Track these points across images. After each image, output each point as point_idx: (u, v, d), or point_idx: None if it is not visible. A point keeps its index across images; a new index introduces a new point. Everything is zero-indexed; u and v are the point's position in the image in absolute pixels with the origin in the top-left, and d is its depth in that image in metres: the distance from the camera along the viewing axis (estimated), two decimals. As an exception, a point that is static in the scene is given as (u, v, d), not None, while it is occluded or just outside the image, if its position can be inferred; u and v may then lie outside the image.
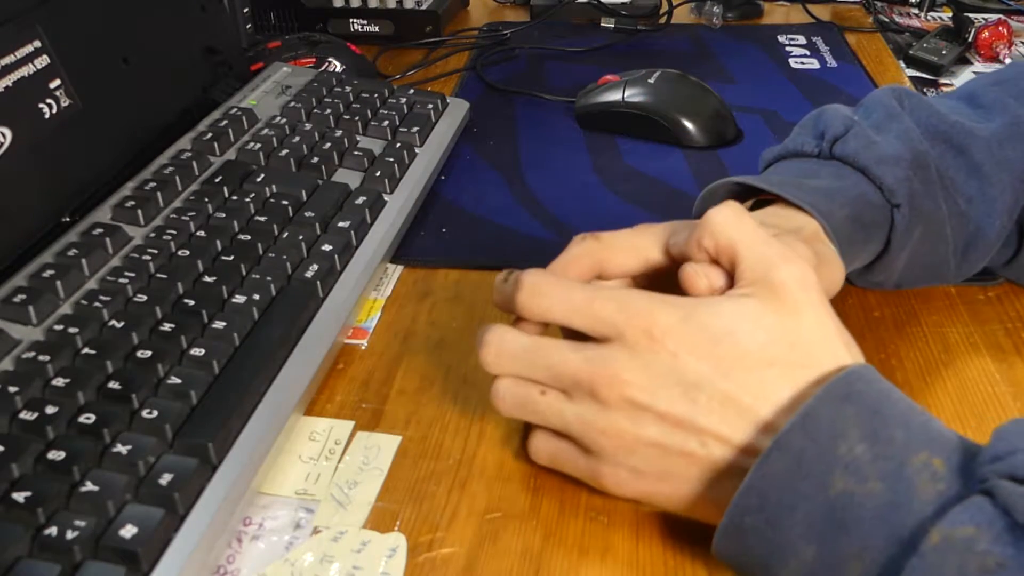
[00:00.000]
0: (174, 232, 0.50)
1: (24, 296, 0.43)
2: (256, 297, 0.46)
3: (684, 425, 0.34)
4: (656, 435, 0.34)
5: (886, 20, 0.94)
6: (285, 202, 0.53)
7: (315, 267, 0.49)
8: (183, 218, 0.51)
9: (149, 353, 0.41)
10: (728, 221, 0.37)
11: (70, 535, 0.33)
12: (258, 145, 0.59)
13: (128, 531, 0.33)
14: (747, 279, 0.35)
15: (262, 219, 0.52)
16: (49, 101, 0.51)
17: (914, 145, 0.45)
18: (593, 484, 0.38)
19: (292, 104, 0.65)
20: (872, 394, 0.33)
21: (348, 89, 0.68)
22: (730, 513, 0.32)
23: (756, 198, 0.45)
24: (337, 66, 0.75)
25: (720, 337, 0.34)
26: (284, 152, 0.59)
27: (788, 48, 0.89)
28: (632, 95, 0.70)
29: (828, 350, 0.34)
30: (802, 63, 0.85)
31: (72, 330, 0.42)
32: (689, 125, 0.68)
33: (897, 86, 0.50)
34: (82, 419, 0.37)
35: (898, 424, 0.32)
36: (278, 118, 0.63)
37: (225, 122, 0.61)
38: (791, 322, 0.34)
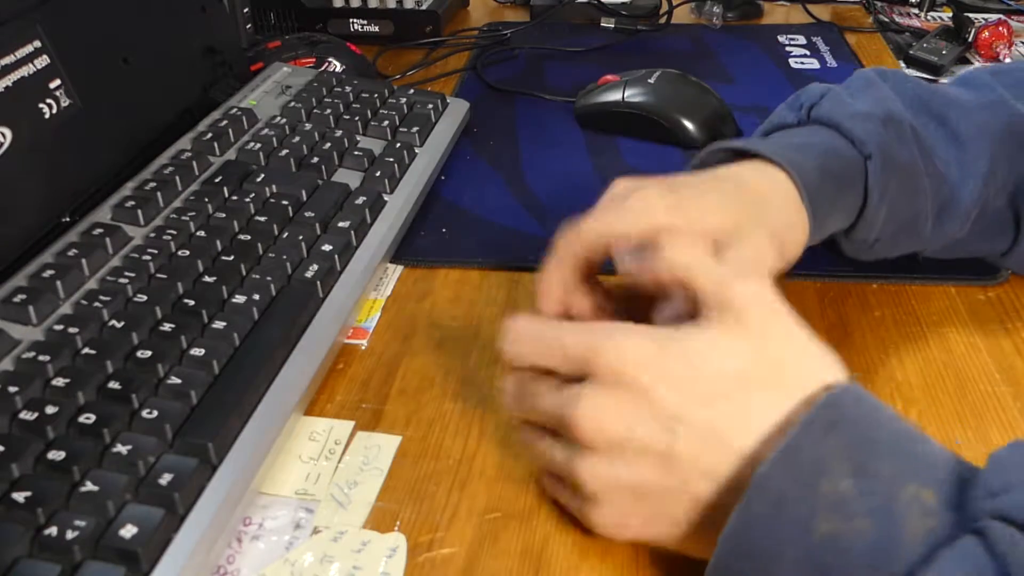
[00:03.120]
0: (174, 232, 0.50)
1: (24, 296, 0.43)
2: (256, 297, 0.46)
3: (666, 461, 0.33)
4: (637, 475, 0.33)
5: (886, 20, 0.94)
6: (285, 202, 0.53)
7: (315, 267, 0.49)
8: (183, 218, 0.51)
9: (149, 353, 0.41)
10: (680, 251, 0.36)
11: (70, 535, 0.33)
12: (258, 145, 0.59)
13: (128, 531, 0.33)
14: (708, 305, 0.34)
15: (262, 219, 0.52)
16: (49, 101, 0.51)
17: (887, 105, 0.47)
18: (588, 527, 0.36)
19: (292, 104, 0.65)
20: (859, 419, 0.31)
21: (348, 89, 0.68)
22: (717, 555, 0.31)
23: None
24: (337, 66, 0.75)
25: (695, 366, 0.33)
26: (284, 152, 0.59)
27: (788, 48, 0.89)
28: (632, 95, 0.70)
29: (806, 368, 0.33)
30: (802, 63, 0.85)
31: (72, 330, 0.42)
32: (689, 125, 0.68)
33: (884, 68, 0.51)
34: (82, 419, 0.37)
35: (886, 453, 0.30)
36: (278, 118, 0.63)
37: (225, 122, 0.61)
38: (760, 344, 0.33)
